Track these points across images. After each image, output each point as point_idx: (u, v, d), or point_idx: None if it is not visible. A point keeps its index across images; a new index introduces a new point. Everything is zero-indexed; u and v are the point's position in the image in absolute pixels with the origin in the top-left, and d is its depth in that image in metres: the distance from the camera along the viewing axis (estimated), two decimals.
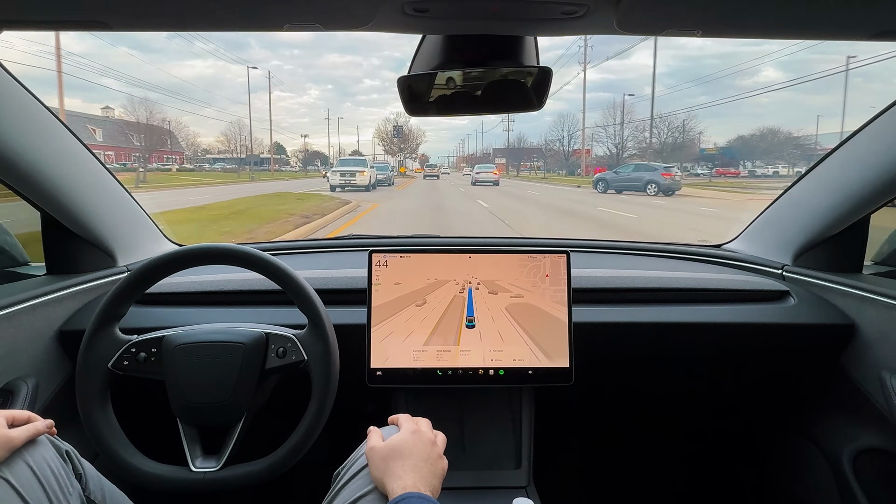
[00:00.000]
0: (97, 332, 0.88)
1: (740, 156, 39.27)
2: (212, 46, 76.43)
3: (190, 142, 48.41)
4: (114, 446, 0.86)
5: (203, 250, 0.93)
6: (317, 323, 0.90)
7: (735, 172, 36.24)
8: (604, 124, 40.93)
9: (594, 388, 1.36)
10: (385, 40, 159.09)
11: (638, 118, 38.62)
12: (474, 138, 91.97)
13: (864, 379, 1.11)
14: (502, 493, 1.05)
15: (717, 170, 36.59)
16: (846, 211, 1.15)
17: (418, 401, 1.15)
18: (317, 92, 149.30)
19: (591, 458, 1.58)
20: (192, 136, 49.53)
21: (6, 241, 1.29)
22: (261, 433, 0.99)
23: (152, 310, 1.15)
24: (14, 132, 0.94)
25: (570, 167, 43.93)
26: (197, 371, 0.87)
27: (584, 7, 0.69)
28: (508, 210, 12.07)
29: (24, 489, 0.66)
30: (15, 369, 0.98)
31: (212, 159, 48.83)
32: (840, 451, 1.15)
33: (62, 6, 0.68)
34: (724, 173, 35.20)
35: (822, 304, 1.20)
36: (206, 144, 48.65)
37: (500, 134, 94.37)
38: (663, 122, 37.15)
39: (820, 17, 0.72)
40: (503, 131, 62.28)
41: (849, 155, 1.15)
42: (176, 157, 44.61)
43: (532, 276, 1.07)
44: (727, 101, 74.03)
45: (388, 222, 9.51)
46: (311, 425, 0.86)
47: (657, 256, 1.55)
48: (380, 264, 1.06)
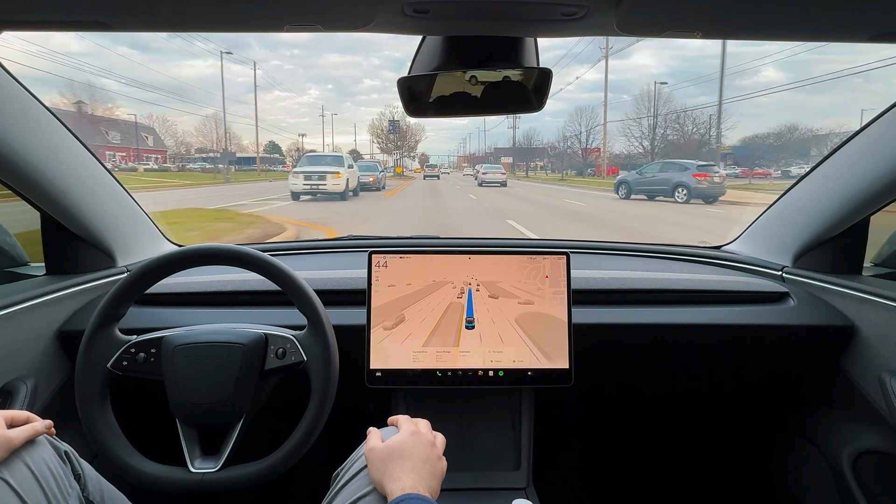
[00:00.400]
0: (96, 332, 0.88)
1: (769, 154, 33.69)
2: (199, 45, 75.45)
3: (180, 140, 46.38)
4: (113, 447, 0.86)
5: (202, 251, 0.93)
6: (316, 323, 0.90)
7: (765, 173, 29.39)
8: (636, 116, 34.82)
9: (594, 389, 1.36)
10: (385, 40, 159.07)
11: (663, 112, 33.42)
12: (476, 137, 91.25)
13: (863, 380, 1.11)
14: (502, 494, 1.05)
15: (743, 170, 29.75)
16: (846, 213, 1.15)
17: (418, 402, 1.14)
18: (317, 92, 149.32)
19: (590, 459, 1.57)
20: (182, 135, 47.30)
21: (6, 241, 1.29)
22: (260, 434, 0.99)
23: (152, 310, 1.15)
24: (14, 132, 0.94)
25: (583, 167, 40.40)
26: (196, 372, 0.87)
27: (584, 8, 0.69)
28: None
29: (22, 490, 0.66)
30: (14, 369, 0.98)
31: (194, 158, 44.59)
32: (839, 452, 1.15)
33: (62, 6, 0.68)
34: (751, 174, 28.37)
35: (822, 306, 1.20)
36: (199, 144, 46.83)
37: (503, 132, 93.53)
38: (687, 117, 33.07)
39: (820, 19, 0.72)
40: (507, 128, 59.51)
41: (849, 157, 1.15)
42: (157, 157, 43.00)
43: (532, 278, 1.07)
44: (762, 94, 68.69)
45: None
46: (310, 426, 0.86)
47: (657, 258, 1.55)
48: (379, 265, 1.06)
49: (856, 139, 1.12)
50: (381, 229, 8.16)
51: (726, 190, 13.40)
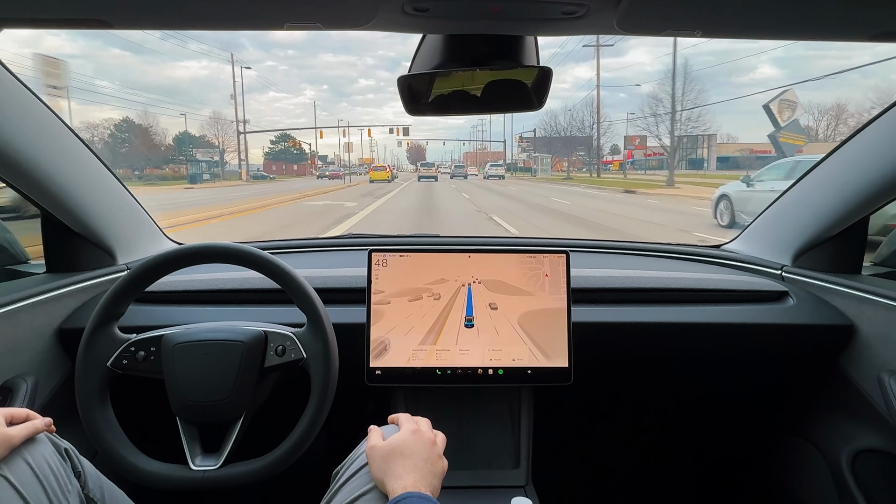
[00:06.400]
0: (96, 330, 0.88)
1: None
2: (193, 47, 73.73)
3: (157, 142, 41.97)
4: (113, 445, 0.86)
5: (202, 249, 0.93)
6: (316, 321, 0.90)
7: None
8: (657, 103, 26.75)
9: (593, 387, 1.36)
10: (379, 40, 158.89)
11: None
12: (482, 132, 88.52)
13: (862, 380, 1.11)
14: (501, 492, 1.05)
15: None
16: (846, 212, 1.15)
17: (417, 400, 1.15)
18: (312, 92, 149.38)
19: (589, 458, 1.58)
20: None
21: (6, 238, 1.29)
22: (260, 432, 0.99)
23: (151, 308, 1.15)
24: (14, 131, 0.94)
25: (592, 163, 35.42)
26: (196, 369, 0.87)
27: (585, 7, 0.69)
28: None
29: (23, 487, 0.66)
30: (14, 367, 0.98)
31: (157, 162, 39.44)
32: (838, 451, 1.15)
33: (62, 5, 0.68)
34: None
35: (822, 305, 1.20)
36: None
37: (524, 118, 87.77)
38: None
39: (819, 18, 0.72)
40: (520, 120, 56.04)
41: (849, 156, 1.15)
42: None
43: (531, 276, 1.07)
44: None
45: None
46: (310, 424, 0.86)
47: (657, 257, 1.55)
48: (379, 263, 1.06)
49: (855, 138, 1.12)
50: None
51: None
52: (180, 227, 9.29)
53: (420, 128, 68.94)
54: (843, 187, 1.14)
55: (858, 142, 1.12)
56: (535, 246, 1.47)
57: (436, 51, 0.86)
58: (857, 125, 1.13)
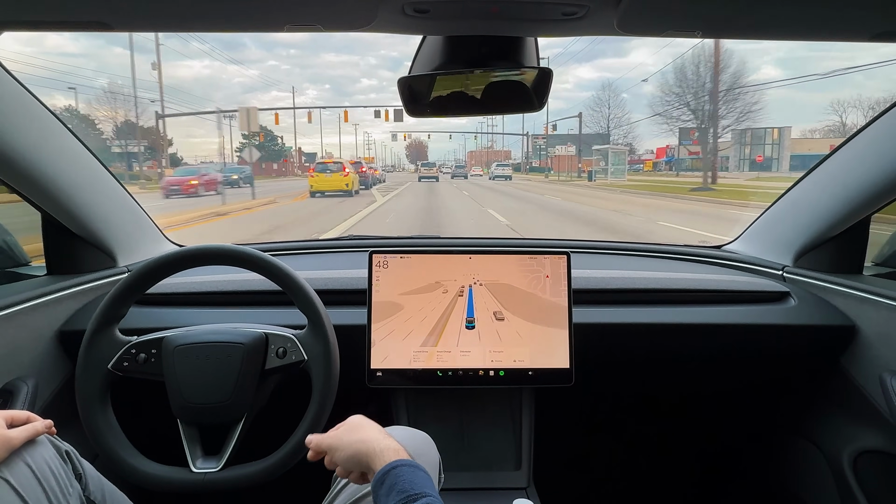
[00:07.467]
0: (97, 332, 0.88)
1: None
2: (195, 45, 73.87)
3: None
4: (114, 447, 0.86)
5: (203, 251, 0.93)
6: (317, 323, 0.90)
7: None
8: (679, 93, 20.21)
9: (594, 388, 1.36)
10: (381, 40, 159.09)
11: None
12: (491, 126, 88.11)
13: (864, 380, 1.11)
14: (502, 493, 1.05)
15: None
16: (847, 212, 1.15)
17: (418, 401, 1.14)
18: (314, 92, 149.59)
19: (591, 459, 1.57)
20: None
21: (6, 240, 1.29)
22: (261, 434, 0.99)
23: (152, 310, 1.15)
24: (14, 132, 0.94)
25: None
26: (197, 372, 0.87)
27: (585, 8, 0.69)
28: None
29: (23, 489, 0.66)
30: (15, 369, 0.98)
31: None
32: (840, 451, 1.15)
33: (63, 6, 0.69)
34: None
35: (823, 306, 1.19)
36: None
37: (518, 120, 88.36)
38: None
39: (820, 18, 0.72)
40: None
41: (850, 156, 1.15)
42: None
43: (532, 277, 1.06)
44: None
45: None
46: (311, 425, 0.86)
47: (658, 257, 1.55)
48: (380, 265, 1.06)
49: (856, 139, 1.12)
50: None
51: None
52: (180, 227, 9.30)
53: (420, 128, 69.14)
54: (844, 187, 1.14)
55: (859, 142, 1.11)
56: (536, 247, 1.47)
57: (436, 52, 0.86)
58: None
